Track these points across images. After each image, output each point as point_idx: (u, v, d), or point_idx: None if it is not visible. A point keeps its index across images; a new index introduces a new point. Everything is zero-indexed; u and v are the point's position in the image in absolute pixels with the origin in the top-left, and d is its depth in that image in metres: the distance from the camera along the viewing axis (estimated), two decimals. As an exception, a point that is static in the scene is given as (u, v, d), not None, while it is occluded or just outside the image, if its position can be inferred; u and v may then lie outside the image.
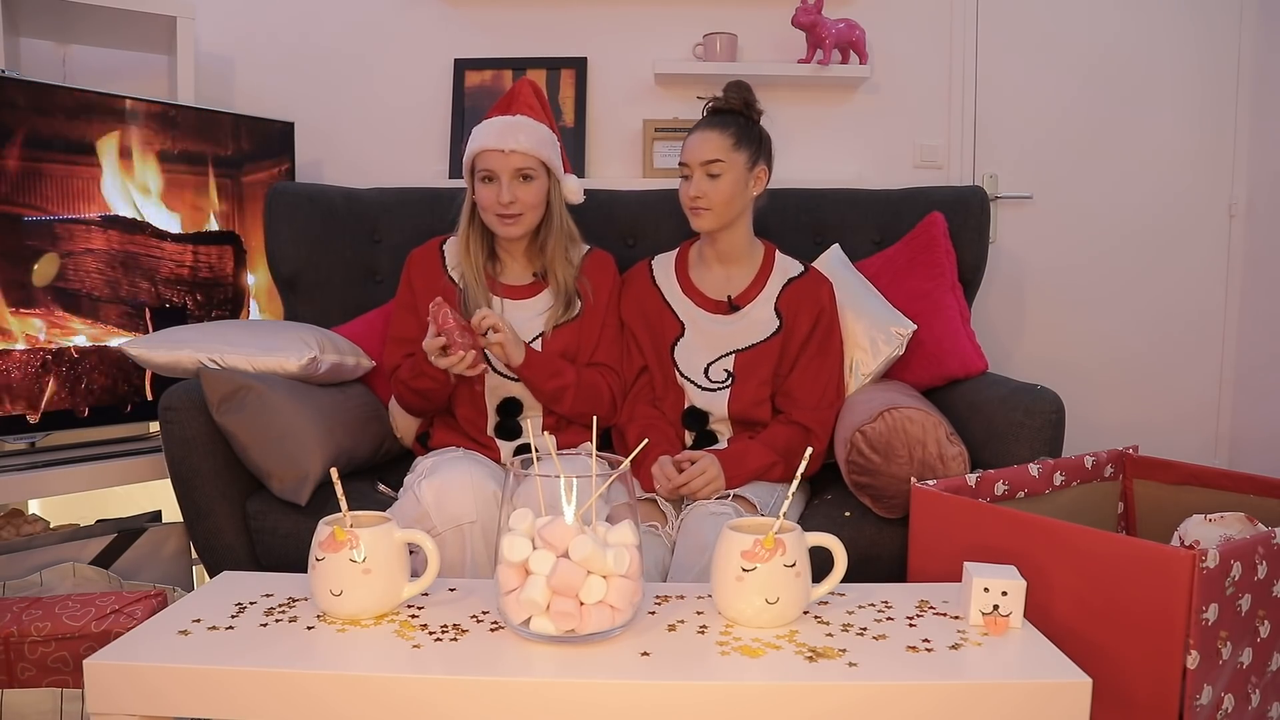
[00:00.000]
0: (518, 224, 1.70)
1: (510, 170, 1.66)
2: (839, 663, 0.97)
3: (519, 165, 1.66)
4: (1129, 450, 1.65)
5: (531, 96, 1.74)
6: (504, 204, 1.67)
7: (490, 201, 1.68)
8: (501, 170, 1.66)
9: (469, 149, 1.71)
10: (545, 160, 1.69)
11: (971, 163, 2.59)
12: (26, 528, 1.82)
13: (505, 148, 1.65)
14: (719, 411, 1.75)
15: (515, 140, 1.66)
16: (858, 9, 2.51)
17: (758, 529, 1.07)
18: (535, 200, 1.70)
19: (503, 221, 1.70)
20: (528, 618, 1.01)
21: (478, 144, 1.68)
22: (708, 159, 1.69)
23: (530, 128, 1.69)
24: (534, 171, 1.68)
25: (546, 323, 1.74)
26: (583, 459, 1.38)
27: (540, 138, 1.69)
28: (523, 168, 1.67)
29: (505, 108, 1.73)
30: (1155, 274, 2.66)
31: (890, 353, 1.79)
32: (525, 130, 1.68)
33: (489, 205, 1.69)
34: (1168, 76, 2.60)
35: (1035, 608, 1.14)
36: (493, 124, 1.69)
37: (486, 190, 1.68)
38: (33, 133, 1.86)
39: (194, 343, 1.70)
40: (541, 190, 1.71)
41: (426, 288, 1.76)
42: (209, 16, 2.48)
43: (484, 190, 1.69)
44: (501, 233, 1.72)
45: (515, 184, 1.67)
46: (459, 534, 1.43)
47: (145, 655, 0.98)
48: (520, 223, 1.70)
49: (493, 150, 1.66)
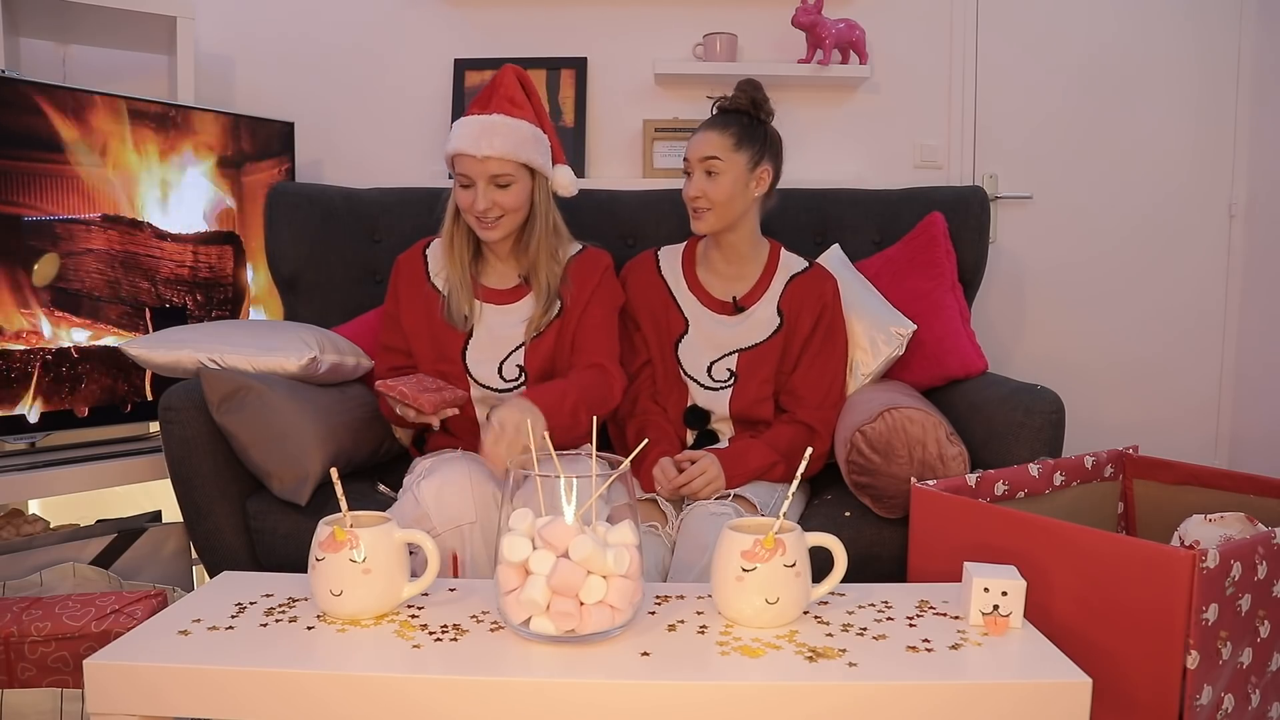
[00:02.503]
0: (497, 228, 1.64)
1: (486, 176, 1.59)
2: (839, 663, 0.97)
3: (495, 171, 1.59)
4: (1129, 450, 1.65)
5: (512, 88, 1.65)
6: (479, 211, 1.61)
7: (467, 206, 1.63)
8: (477, 176, 1.59)
9: (447, 146, 1.64)
10: (526, 161, 1.61)
11: (971, 163, 2.59)
12: (26, 528, 1.82)
13: (479, 154, 1.58)
14: (721, 410, 1.75)
15: (490, 145, 1.57)
16: (858, 9, 2.51)
17: (758, 529, 1.07)
18: (515, 204, 1.63)
19: (481, 225, 1.64)
20: (528, 618, 1.01)
21: (453, 145, 1.61)
22: (705, 155, 1.68)
23: (507, 129, 1.60)
24: (512, 177, 1.61)
25: (527, 331, 1.69)
26: (583, 459, 1.38)
27: (519, 138, 1.61)
28: (499, 174, 1.59)
29: (484, 103, 1.63)
30: (1155, 274, 2.65)
31: (890, 353, 1.79)
32: (501, 133, 1.59)
33: (466, 209, 1.64)
34: (1167, 76, 2.60)
35: (1035, 608, 1.14)
36: (468, 125, 1.61)
37: (464, 195, 1.63)
38: (33, 133, 1.86)
39: (194, 343, 1.70)
40: (522, 193, 1.63)
41: (410, 296, 1.73)
42: (209, 16, 2.48)
43: (461, 194, 1.63)
44: (482, 236, 1.67)
45: (491, 190, 1.60)
46: (458, 534, 1.43)
47: (145, 655, 0.98)
48: (500, 226, 1.64)
49: (467, 155, 1.59)
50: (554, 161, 1.70)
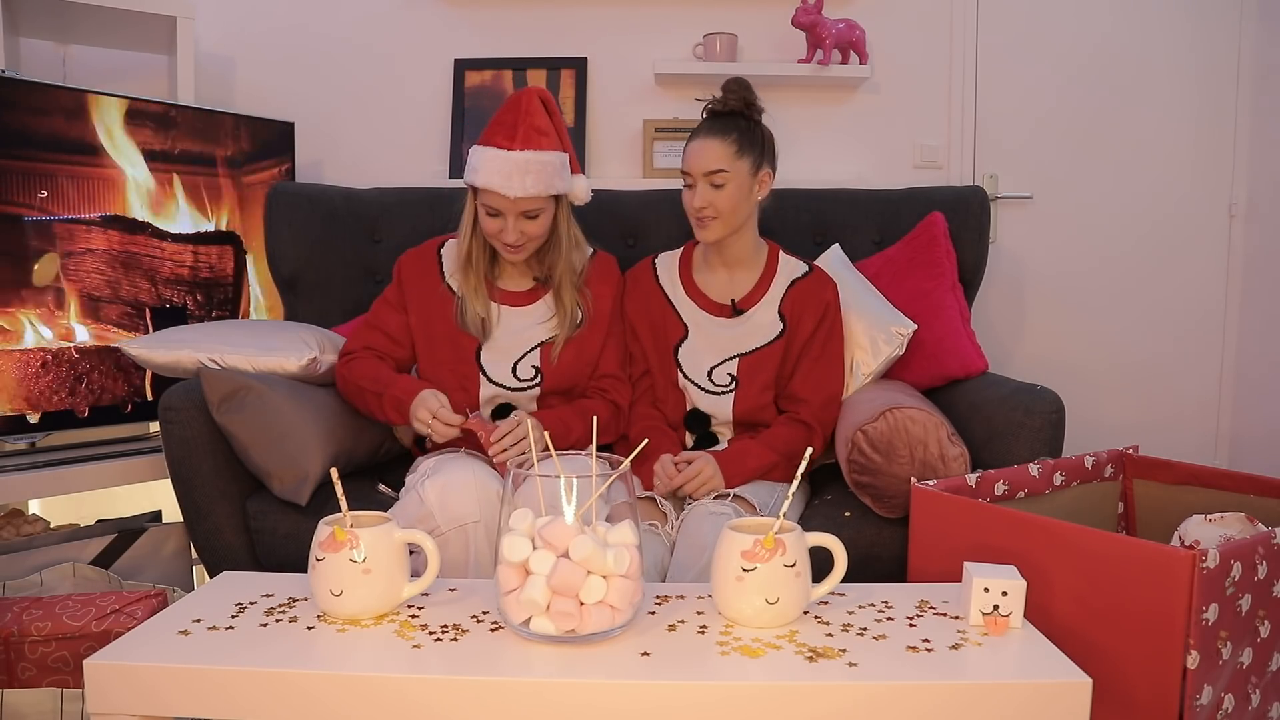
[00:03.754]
0: (522, 252, 1.68)
1: (516, 211, 1.61)
2: (839, 663, 0.97)
3: (525, 208, 1.61)
4: (1129, 450, 1.65)
5: (538, 115, 1.61)
6: (508, 242, 1.64)
7: (495, 233, 1.65)
8: (507, 211, 1.61)
9: (470, 177, 1.62)
10: (555, 193, 1.63)
11: (971, 163, 2.59)
12: (26, 528, 1.82)
13: (511, 194, 1.58)
14: (723, 415, 1.74)
15: (522, 186, 1.57)
16: (858, 9, 2.51)
17: (758, 529, 1.07)
18: (542, 231, 1.66)
19: (508, 250, 1.67)
20: (528, 618, 1.01)
21: (482, 180, 1.59)
22: (711, 169, 1.65)
23: (538, 166, 1.58)
24: (541, 208, 1.63)
25: (546, 333, 1.72)
26: (583, 459, 1.38)
27: (550, 173, 1.60)
28: (529, 209, 1.61)
29: (510, 133, 1.59)
30: (1155, 274, 2.65)
31: (890, 353, 1.79)
32: (533, 172, 1.58)
33: (494, 235, 1.65)
34: (1168, 76, 2.60)
35: (1035, 608, 1.14)
36: (496, 161, 1.58)
37: (492, 223, 1.64)
38: (33, 133, 1.86)
39: (194, 343, 1.70)
40: (548, 219, 1.66)
41: (421, 293, 1.74)
42: (209, 16, 2.48)
43: (489, 222, 1.64)
44: (507, 258, 1.69)
45: (521, 221, 1.62)
46: (462, 534, 1.43)
47: (145, 655, 0.98)
48: (525, 250, 1.67)
49: (498, 193, 1.58)
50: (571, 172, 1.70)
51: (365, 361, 1.70)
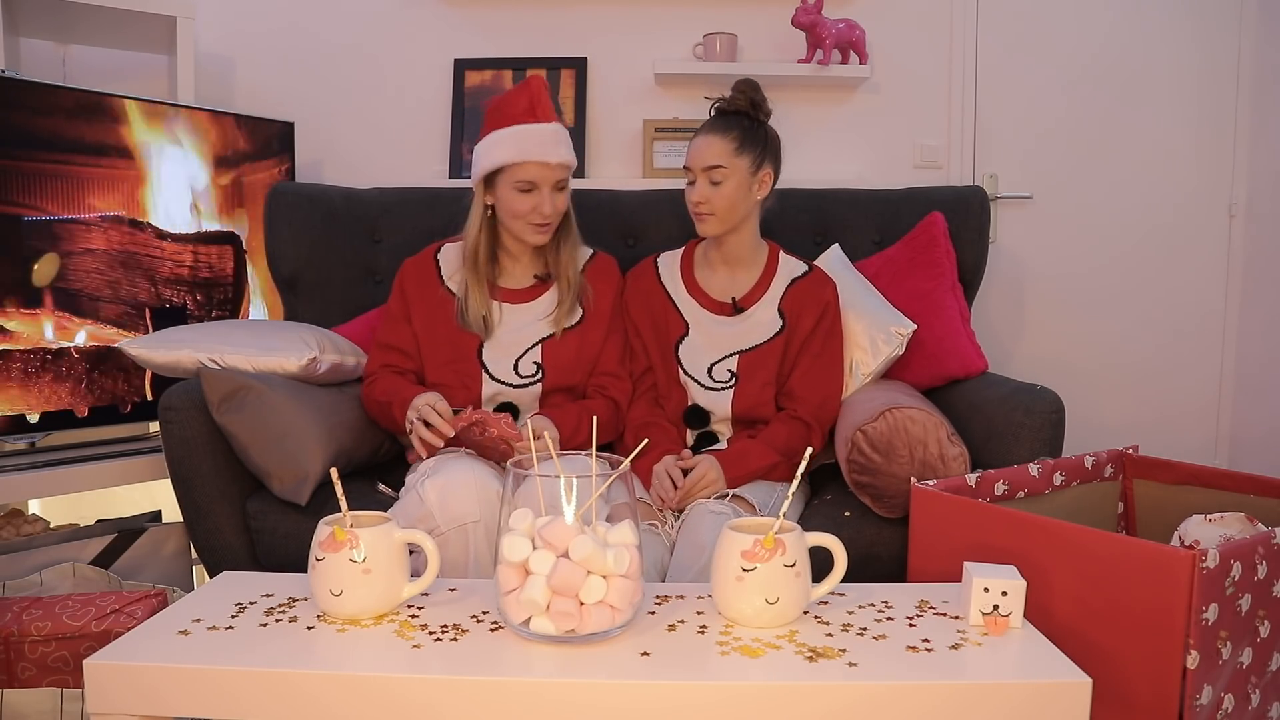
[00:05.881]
0: (549, 230, 1.71)
1: (552, 181, 1.66)
2: (839, 663, 0.97)
3: (560, 177, 1.67)
4: (1129, 450, 1.65)
5: (548, 97, 1.71)
6: (545, 215, 1.67)
7: (527, 211, 1.67)
8: (544, 182, 1.65)
9: (499, 158, 1.65)
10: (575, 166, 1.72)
11: (971, 163, 2.59)
12: (26, 528, 1.82)
13: (552, 160, 1.64)
14: (722, 411, 1.75)
15: (558, 153, 1.65)
16: (858, 9, 2.51)
17: (758, 529, 1.07)
18: (566, 206, 1.73)
19: (538, 230, 1.70)
20: (528, 618, 1.01)
21: (518, 154, 1.64)
22: (709, 164, 1.68)
23: (566, 136, 1.69)
24: (568, 179, 1.70)
25: (548, 328, 1.74)
26: (583, 459, 1.38)
27: (571, 144, 1.70)
28: (562, 179, 1.68)
29: (530, 108, 1.67)
30: (1155, 274, 2.65)
31: (890, 352, 1.79)
32: (564, 140, 1.68)
33: (524, 214, 1.67)
34: (1168, 76, 2.60)
35: (1035, 608, 1.14)
36: (531, 134, 1.65)
37: (524, 200, 1.66)
38: (33, 133, 1.86)
39: (194, 343, 1.70)
40: (569, 196, 1.73)
41: (422, 299, 1.75)
42: (209, 16, 2.48)
43: (521, 200, 1.67)
44: (534, 240, 1.71)
45: (554, 194, 1.68)
46: (463, 533, 1.43)
47: (145, 655, 0.98)
48: (552, 228, 1.72)
49: (537, 163, 1.64)
50: None
51: (384, 379, 1.72)
